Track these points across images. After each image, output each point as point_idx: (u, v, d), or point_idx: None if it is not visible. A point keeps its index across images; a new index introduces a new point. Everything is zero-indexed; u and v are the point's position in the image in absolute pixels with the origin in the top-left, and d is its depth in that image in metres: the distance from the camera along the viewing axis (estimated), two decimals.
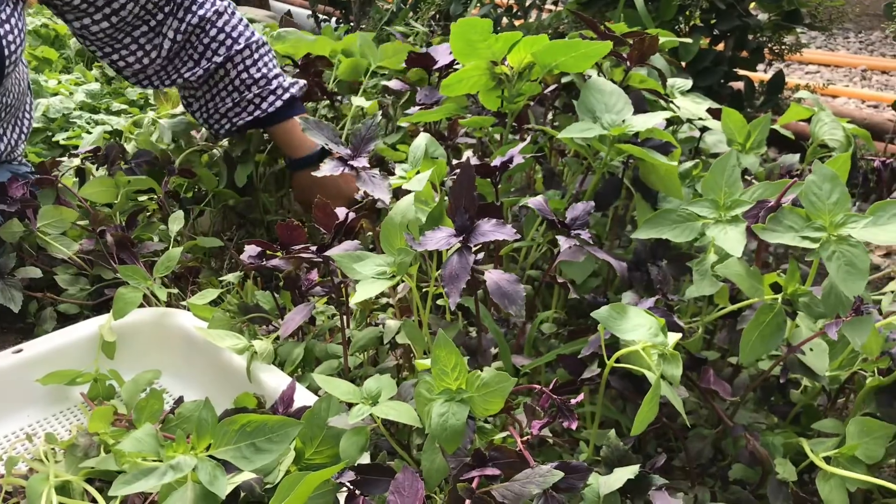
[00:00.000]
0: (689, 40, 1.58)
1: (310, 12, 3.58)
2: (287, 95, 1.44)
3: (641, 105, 1.29)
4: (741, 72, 2.18)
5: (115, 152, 1.46)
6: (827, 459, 0.89)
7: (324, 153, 1.48)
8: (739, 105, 2.16)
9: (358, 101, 1.54)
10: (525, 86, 1.21)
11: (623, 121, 1.07)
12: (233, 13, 1.43)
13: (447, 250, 0.88)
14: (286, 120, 1.45)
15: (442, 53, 1.53)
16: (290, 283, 1.07)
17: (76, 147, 1.85)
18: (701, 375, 0.93)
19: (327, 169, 0.98)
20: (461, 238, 0.87)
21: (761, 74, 2.32)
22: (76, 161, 1.47)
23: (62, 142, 1.86)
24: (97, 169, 1.49)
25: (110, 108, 2.05)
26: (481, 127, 1.29)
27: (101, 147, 1.48)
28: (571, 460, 0.69)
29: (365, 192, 1.02)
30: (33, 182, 1.36)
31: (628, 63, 1.23)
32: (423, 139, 1.09)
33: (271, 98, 1.43)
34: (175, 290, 1.24)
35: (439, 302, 1.08)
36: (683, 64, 2.11)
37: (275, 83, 1.43)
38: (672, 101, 1.28)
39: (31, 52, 2.49)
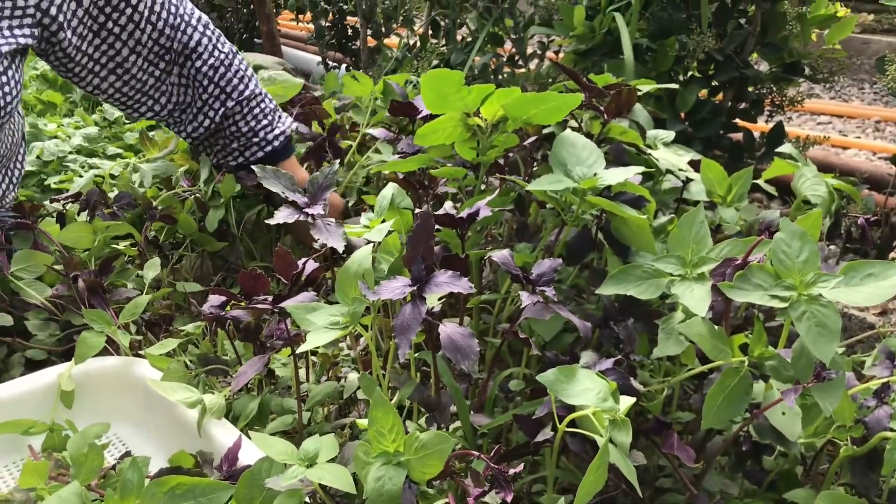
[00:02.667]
0: (674, 85, 1.56)
1: (320, 59, 3.62)
2: (268, 148, 1.53)
3: (621, 157, 1.27)
4: (741, 123, 2.16)
5: (95, 197, 1.46)
6: None
7: None
8: (739, 156, 2.13)
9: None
10: (500, 137, 1.19)
11: (595, 174, 1.04)
12: (229, 65, 1.47)
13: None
14: (288, 157, 1.55)
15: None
16: (248, 335, 1.05)
17: (67, 191, 1.85)
18: (665, 440, 0.89)
19: (282, 216, 0.96)
20: (415, 288, 0.85)
21: (764, 125, 2.29)
22: (57, 205, 1.47)
23: (54, 185, 1.86)
24: (78, 214, 1.49)
25: (106, 151, 2.06)
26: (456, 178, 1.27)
27: (82, 192, 1.48)
28: None
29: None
30: (11, 226, 1.35)
31: (605, 116, 1.21)
32: (389, 189, 1.07)
33: (254, 149, 1.52)
34: (141, 338, 1.22)
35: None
36: (682, 115, 2.09)
37: (259, 136, 1.51)
38: (652, 153, 1.26)
39: (37, 96, 2.52)
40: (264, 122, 1.51)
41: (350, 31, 3.49)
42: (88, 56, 1.37)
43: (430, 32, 2.94)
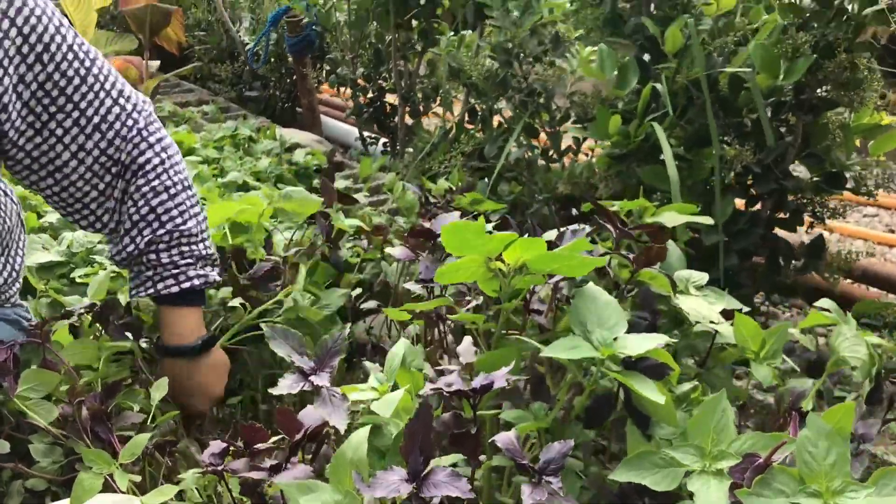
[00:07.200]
0: (709, 220, 1.50)
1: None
2: (186, 285, 1.37)
3: (650, 303, 1.22)
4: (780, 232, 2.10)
5: (108, 310, 1.44)
6: None
7: (205, 345, 1.41)
8: (777, 268, 2.06)
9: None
10: (525, 279, 1.15)
11: (616, 338, 1.00)
12: (174, 194, 1.35)
13: None
14: (176, 307, 1.39)
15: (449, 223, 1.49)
16: (248, 488, 1.01)
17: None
18: None
19: (286, 385, 0.92)
20: (413, 485, 0.80)
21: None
22: (73, 318, 1.46)
23: (79, 279, 1.86)
24: (90, 325, 1.47)
25: None
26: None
27: (96, 303, 1.46)
28: None
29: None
30: (22, 342, 1.34)
31: (634, 266, 1.17)
32: (401, 347, 1.03)
33: (170, 282, 1.37)
34: (139, 479, 1.18)
35: None
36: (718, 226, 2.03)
37: (179, 269, 1.37)
38: (682, 302, 1.20)
39: None
40: (189, 260, 1.37)
41: (388, 108, 3.51)
42: (26, 153, 1.27)
43: (467, 118, 2.93)
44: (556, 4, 2.47)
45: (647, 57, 2.15)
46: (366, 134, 3.59)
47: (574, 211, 2.47)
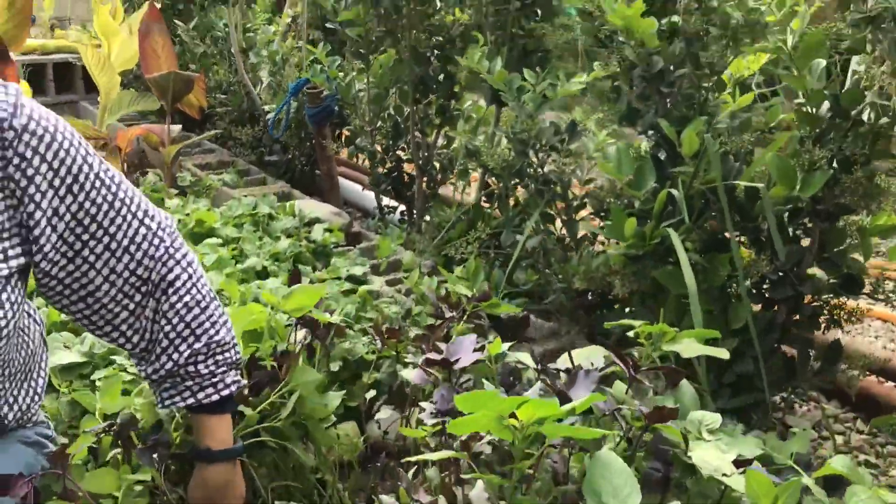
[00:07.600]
0: (725, 353, 1.50)
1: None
2: (226, 392, 1.41)
3: (663, 454, 1.23)
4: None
5: (126, 430, 1.45)
6: None
7: (242, 450, 1.46)
8: (793, 373, 2.06)
9: None
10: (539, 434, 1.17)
11: None
12: (205, 307, 1.39)
13: None
14: (216, 414, 1.42)
15: (466, 348, 1.50)
16: None
17: None
18: None
19: None
20: None
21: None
22: (91, 438, 1.47)
23: (98, 381, 1.87)
24: (111, 446, 1.49)
25: None
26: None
27: (115, 422, 1.48)
28: None
29: None
30: (43, 471, 1.36)
31: (647, 421, 1.18)
32: None
33: (210, 390, 1.40)
34: None
35: None
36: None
37: (217, 377, 1.40)
38: (694, 454, 1.21)
39: None
40: (224, 368, 1.42)
41: (406, 178, 3.53)
42: (58, 280, 1.29)
43: (483, 198, 2.95)
44: (572, 93, 2.50)
45: (662, 154, 2.16)
46: (384, 202, 3.61)
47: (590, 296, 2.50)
